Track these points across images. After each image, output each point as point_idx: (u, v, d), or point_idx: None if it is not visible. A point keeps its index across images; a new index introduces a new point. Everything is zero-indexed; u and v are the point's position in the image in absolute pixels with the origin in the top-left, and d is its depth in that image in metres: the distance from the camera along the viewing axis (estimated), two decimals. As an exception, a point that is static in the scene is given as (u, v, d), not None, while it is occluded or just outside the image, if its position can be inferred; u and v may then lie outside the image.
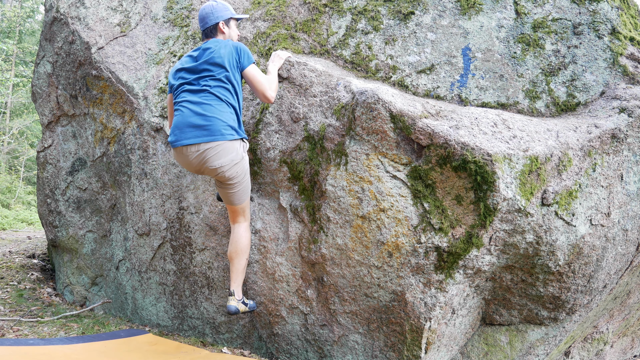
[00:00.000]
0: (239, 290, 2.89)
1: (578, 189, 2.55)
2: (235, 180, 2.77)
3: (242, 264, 2.88)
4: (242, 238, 2.88)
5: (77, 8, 4.10)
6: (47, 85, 4.39)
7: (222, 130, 2.65)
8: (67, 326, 3.62)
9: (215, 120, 2.65)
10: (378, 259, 2.69)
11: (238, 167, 2.74)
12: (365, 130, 2.65)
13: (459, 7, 3.01)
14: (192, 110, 2.69)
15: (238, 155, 2.72)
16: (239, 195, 2.84)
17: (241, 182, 2.80)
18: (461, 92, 2.88)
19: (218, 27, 2.88)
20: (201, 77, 2.73)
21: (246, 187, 2.86)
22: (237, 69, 2.77)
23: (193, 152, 2.69)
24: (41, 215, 4.63)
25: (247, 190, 2.87)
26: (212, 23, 2.86)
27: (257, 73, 2.79)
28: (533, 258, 2.62)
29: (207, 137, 2.64)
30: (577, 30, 2.81)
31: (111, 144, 3.89)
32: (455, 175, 2.46)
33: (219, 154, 2.66)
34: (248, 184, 2.87)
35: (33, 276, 4.84)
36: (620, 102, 2.62)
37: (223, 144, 2.66)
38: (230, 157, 2.69)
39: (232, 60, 2.74)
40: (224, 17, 2.89)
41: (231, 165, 2.70)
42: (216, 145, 2.65)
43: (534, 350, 2.98)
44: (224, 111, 2.69)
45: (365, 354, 2.87)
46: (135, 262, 3.80)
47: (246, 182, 2.84)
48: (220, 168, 2.69)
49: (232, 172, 2.73)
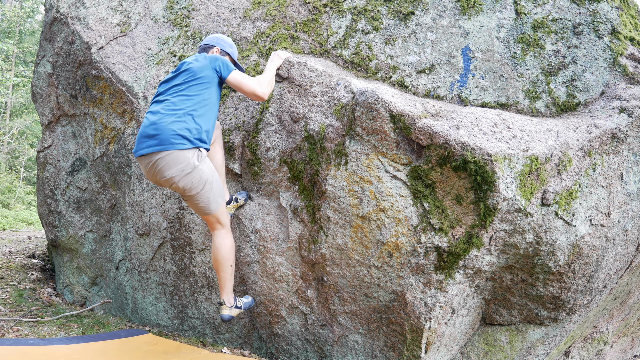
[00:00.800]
0: (229, 297, 2.89)
1: (578, 189, 2.55)
2: (192, 191, 2.69)
3: (228, 271, 2.86)
4: (222, 246, 2.84)
5: (77, 8, 4.10)
6: (47, 85, 4.39)
7: (170, 139, 2.57)
8: (67, 326, 3.62)
9: (165, 130, 2.58)
10: (378, 259, 2.69)
11: (191, 177, 2.64)
12: (365, 130, 2.65)
13: (459, 7, 3.01)
14: (149, 120, 2.67)
15: (189, 165, 2.61)
16: (205, 204, 2.76)
17: (201, 192, 2.71)
18: (461, 92, 2.88)
19: (212, 50, 2.96)
20: (170, 88, 2.73)
21: (211, 196, 2.76)
22: (214, 81, 2.75)
23: (147, 163, 2.64)
24: (41, 215, 4.63)
25: (214, 198, 2.78)
26: (212, 45, 2.98)
27: (241, 77, 2.77)
28: (533, 258, 2.62)
29: (156, 147, 2.58)
30: (577, 30, 2.81)
31: (111, 144, 3.89)
32: (455, 175, 2.46)
33: (168, 164, 2.59)
34: (214, 192, 2.76)
35: (33, 276, 4.84)
36: (620, 102, 2.62)
37: (172, 153, 2.58)
38: (180, 167, 2.60)
39: (207, 72, 2.73)
40: (224, 48, 2.99)
41: (182, 175, 2.61)
42: (165, 155, 2.58)
43: (534, 350, 2.98)
44: (178, 120, 2.61)
45: (365, 354, 2.87)
46: (135, 262, 3.80)
47: (209, 191, 2.73)
48: (172, 179, 2.62)
49: (184, 182, 2.64)
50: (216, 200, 2.80)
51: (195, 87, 2.70)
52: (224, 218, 2.88)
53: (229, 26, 3.60)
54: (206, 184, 2.71)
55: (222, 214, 2.87)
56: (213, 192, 2.76)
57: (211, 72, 2.74)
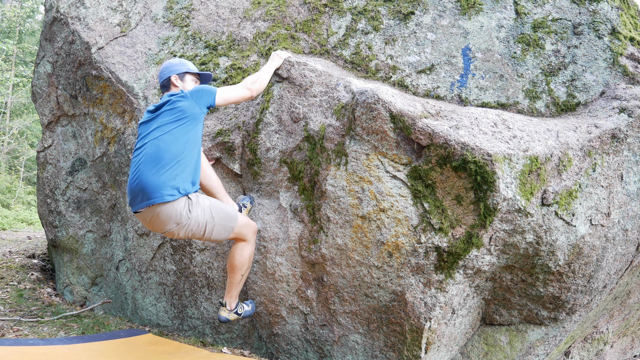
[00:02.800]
0: (232, 302, 2.90)
1: (578, 189, 2.55)
2: (197, 235, 2.64)
3: (237, 279, 2.86)
4: (238, 256, 2.82)
5: (77, 8, 4.10)
6: (47, 85, 4.39)
7: (157, 192, 2.46)
8: (67, 326, 3.62)
9: (150, 184, 2.46)
10: (378, 259, 2.68)
11: (189, 227, 2.57)
12: (365, 130, 2.65)
13: (459, 7, 3.01)
14: (133, 174, 2.56)
15: (182, 218, 2.52)
16: (216, 237, 2.71)
17: (206, 232, 2.65)
18: (461, 92, 2.88)
19: (171, 80, 2.80)
20: (151, 131, 2.59)
21: (216, 229, 2.67)
22: (201, 117, 2.64)
23: (144, 219, 2.57)
24: (41, 215, 4.63)
25: (221, 229, 2.69)
26: (166, 77, 2.81)
27: (225, 94, 2.71)
28: (533, 258, 2.62)
29: (146, 202, 2.48)
30: (577, 30, 2.81)
31: (111, 144, 3.89)
32: (455, 175, 2.46)
33: (161, 220, 2.51)
34: (218, 224, 2.67)
35: (33, 276, 4.84)
36: (620, 102, 2.62)
37: (162, 207, 2.48)
38: (174, 221, 2.52)
39: (196, 110, 2.61)
40: (178, 71, 2.82)
41: (179, 228, 2.56)
42: (157, 209, 2.48)
43: (534, 350, 2.98)
44: (163, 172, 2.48)
45: (365, 354, 2.87)
46: (135, 262, 3.80)
47: (212, 227, 2.65)
48: (172, 232, 2.58)
49: (185, 233, 2.59)
50: (224, 227, 2.71)
51: (181, 128, 2.56)
52: (244, 232, 2.80)
53: (229, 26, 3.60)
54: (207, 225, 2.64)
55: (240, 231, 2.78)
56: (217, 225, 2.67)
57: (199, 110, 2.63)
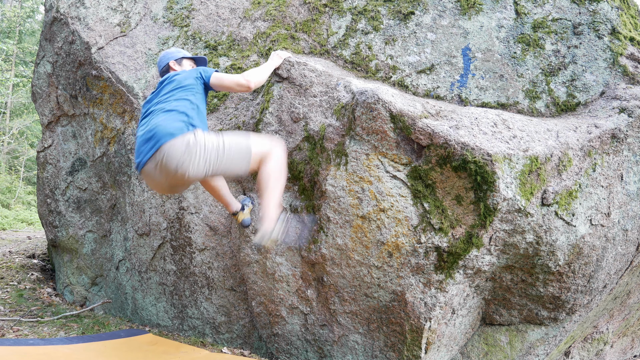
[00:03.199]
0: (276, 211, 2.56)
1: (578, 189, 2.55)
2: (211, 164, 2.45)
3: (274, 187, 2.59)
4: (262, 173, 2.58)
5: (77, 8, 4.10)
6: (47, 85, 4.39)
7: (166, 131, 2.44)
8: (67, 326, 3.62)
9: (159, 127, 2.46)
10: (378, 259, 2.68)
11: (198, 151, 2.42)
12: (365, 130, 2.65)
13: (459, 7, 3.01)
14: (141, 129, 2.59)
15: (190, 142, 2.41)
16: (237, 168, 2.53)
17: (218, 157, 2.46)
18: (461, 92, 2.88)
19: (169, 66, 2.92)
20: (156, 102, 2.65)
21: (235, 152, 2.50)
22: (199, 87, 2.69)
23: (152, 167, 2.48)
24: (41, 215, 4.63)
25: (238, 155, 2.51)
26: (165, 64, 2.96)
27: (222, 75, 2.73)
28: (533, 258, 2.62)
29: (155, 146, 2.44)
30: (577, 30, 2.81)
31: (111, 144, 3.89)
32: (455, 175, 2.46)
33: (169, 156, 2.40)
34: (234, 150, 2.50)
35: (33, 276, 4.84)
36: (620, 102, 2.62)
37: (170, 143, 2.41)
38: (183, 149, 2.40)
39: (191, 81, 2.67)
40: (175, 57, 2.97)
41: (189, 161, 2.40)
42: (165, 148, 2.41)
43: (534, 350, 2.98)
44: (169, 118, 2.49)
45: (365, 354, 2.86)
46: (135, 262, 3.80)
47: (229, 149, 2.48)
48: (181, 171, 2.42)
49: (195, 164, 2.41)
50: (242, 153, 2.52)
51: (181, 93, 2.62)
52: (264, 151, 2.58)
53: (229, 26, 3.60)
54: (219, 149, 2.46)
55: (258, 152, 2.56)
56: (233, 149, 2.50)
57: (194, 80, 2.68)
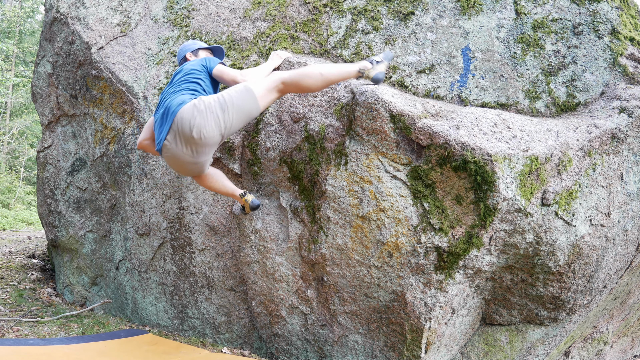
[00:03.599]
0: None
1: (578, 189, 2.55)
2: (228, 122, 2.49)
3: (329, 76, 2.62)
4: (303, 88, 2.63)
5: (77, 8, 4.10)
6: (47, 85, 4.39)
7: (178, 103, 2.52)
8: (67, 326, 3.62)
9: (171, 104, 2.55)
10: (378, 259, 2.68)
11: (210, 105, 2.47)
12: (365, 130, 2.65)
13: (459, 7, 3.01)
14: (157, 115, 2.68)
15: (195, 106, 2.46)
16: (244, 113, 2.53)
17: (225, 114, 2.49)
18: (461, 92, 2.88)
19: (186, 58, 3.08)
20: (168, 91, 2.73)
21: (238, 102, 2.51)
22: (205, 74, 2.78)
23: (172, 139, 2.52)
24: (41, 215, 4.63)
25: (242, 101, 2.52)
26: (182, 56, 3.10)
27: (224, 68, 2.80)
28: (533, 258, 2.62)
29: (170, 118, 2.52)
30: (577, 30, 2.81)
31: (111, 144, 3.89)
32: (455, 175, 2.46)
33: (184, 120, 2.45)
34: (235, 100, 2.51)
35: (33, 276, 4.84)
36: (620, 102, 2.62)
37: (181, 110, 2.47)
38: (190, 114, 2.45)
39: (197, 67, 2.77)
40: (191, 49, 3.10)
41: (198, 121, 2.44)
42: (179, 115, 2.47)
43: (534, 350, 2.98)
44: (179, 94, 2.59)
45: (365, 354, 2.86)
46: (135, 262, 3.80)
47: (229, 105, 2.49)
48: (195, 131, 2.45)
49: (207, 126, 2.45)
50: (244, 96, 2.53)
51: (189, 77, 2.73)
52: (269, 84, 2.60)
53: (229, 26, 3.60)
54: (221, 103, 2.49)
55: (261, 88, 2.58)
56: (235, 98, 2.52)
57: (200, 67, 2.79)
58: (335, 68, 2.68)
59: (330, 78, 2.63)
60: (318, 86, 2.64)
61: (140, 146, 3.00)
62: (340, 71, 2.66)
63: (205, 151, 2.58)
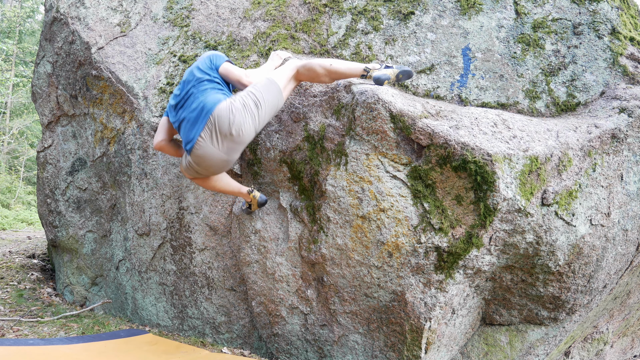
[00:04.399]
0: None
1: (578, 189, 2.55)
2: (260, 107, 2.60)
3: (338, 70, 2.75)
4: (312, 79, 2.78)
5: (77, 8, 4.10)
6: (47, 85, 4.39)
7: (213, 103, 2.59)
8: (67, 326, 3.62)
9: (205, 102, 2.62)
10: (378, 259, 2.69)
11: (241, 113, 2.56)
12: (365, 130, 2.65)
13: (459, 7, 3.01)
14: (187, 114, 2.72)
15: (232, 104, 2.57)
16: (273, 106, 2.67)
17: (259, 110, 2.61)
18: (461, 92, 2.88)
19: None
20: (183, 89, 2.80)
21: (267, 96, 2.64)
22: (214, 70, 2.82)
23: (209, 137, 2.59)
24: (41, 215, 4.63)
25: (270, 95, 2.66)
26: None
27: (230, 67, 2.82)
28: (533, 258, 2.62)
29: (207, 116, 2.58)
30: (577, 30, 2.81)
31: (111, 144, 3.89)
32: (455, 175, 2.46)
33: (221, 117, 2.54)
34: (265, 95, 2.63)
35: (33, 276, 4.84)
36: (620, 102, 2.62)
37: (218, 108, 2.56)
38: (227, 112, 2.55)
39: (206, 66, 2.80)
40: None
41: (237, 119, 2.55)
42: (216, 112, 2.55)
43: (534, 350, 2.98)
44: (209, 93, 2.66)
45: (365, 354, 2.87)
46: (135, 262, 3.80)
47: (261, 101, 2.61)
48: (234, 129, 2.56)
49: (245, 124, 2.56)
50: (271, 89, 2.66)
51: (202, 78, 2.76)
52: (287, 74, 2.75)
53: (229, 26, 3.60)
54: (254, 99, 2.61)
55: (282, 79, 2.72)
56: (265, 92, 2.64)
57: (210, 64, 2.82)
58: (344, 62, 2.80)
59: (339, 70, 2.74)
60: (326, 76, 2.76)
61: (157, 147, 3.00)
62: (349, 66, 2.76)
63: (239, 149, 2.68)
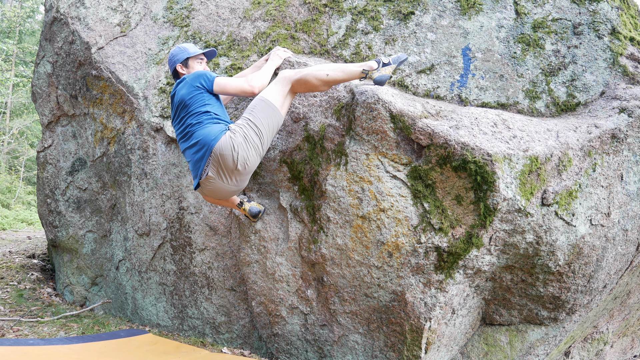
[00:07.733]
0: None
1: (578, 189, 2.55)
2: (262, 131, 2.59)
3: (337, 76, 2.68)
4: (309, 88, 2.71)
5: (77, 8, 4.10)
6: (47, 85, 4.39)
7: (211, 138, 2.58)
8: (67, 326, 3.62)
9: (202, 138, 2.60)
10: (378, 259, 2.68)
11: (242, 146, 2.55)
12: (365, 130, 2.65)
13: (459, 7, 3.01)
14: (189, 151, 2.71)
15: (232, 138, 2.55)
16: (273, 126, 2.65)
17: (260, 137, 2.60)
18: (461, 92, 2.88)
19: (177, 71, 2.97)
20: (180, 120, 2.77)
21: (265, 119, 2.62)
22: (204, 92, 2.74)
23: (216, 172, 2.59)
24: (41, 215, 4.63)
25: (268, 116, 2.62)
26: (172, 69, 2.99)
27: (223, 81, 2.74)
28: (533, 258, 2.62)
29: (208, 152, 2.57)
30: (577, 30, 2.81)
31: (111, 144, 3.89)
32: (455, 175, 2.46)
33: (223, 153, 2.54)
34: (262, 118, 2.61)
35: (33, 276, 4.84)
36: (620, 102, 2.62)
37: (218, 144, 2.55)
38: (229, 147, 2.54)
39: (194, 91, 2.73)
40: (180, 59, 2.95)
41: (240, 152, 2.54)
42: (217, 148, 2.55)
43: (534, 350, 2.98)
44: (205, 126, 2.63)
45: (365, 354, 2.87)
46: (135, 262, 3.80)
47: (260, 126, 2.60)
48: (240, 162, 2.56)
49: (249, 155, 2.56)
50: (268, 110, 2.64)
51: (194, 107, 2.70)
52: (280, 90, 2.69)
53: (229, 26, 3.60)
54: (254, 128, 2.60)
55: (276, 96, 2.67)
56: (262, 115, 2.62)
57: (196, 90, 2.73)
58: (340, 68, 2.71)
59: (336, 78, 2.68)
60: (324, 86, 2.70)
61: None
62: (345, 71, 2.69)
63: (248, 177, 2.71)
